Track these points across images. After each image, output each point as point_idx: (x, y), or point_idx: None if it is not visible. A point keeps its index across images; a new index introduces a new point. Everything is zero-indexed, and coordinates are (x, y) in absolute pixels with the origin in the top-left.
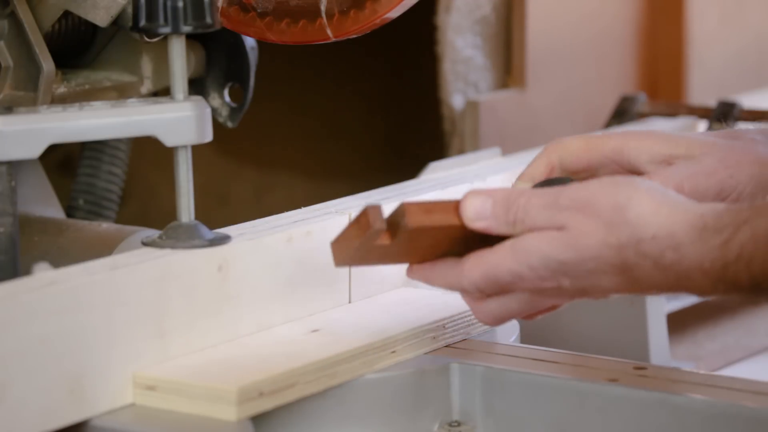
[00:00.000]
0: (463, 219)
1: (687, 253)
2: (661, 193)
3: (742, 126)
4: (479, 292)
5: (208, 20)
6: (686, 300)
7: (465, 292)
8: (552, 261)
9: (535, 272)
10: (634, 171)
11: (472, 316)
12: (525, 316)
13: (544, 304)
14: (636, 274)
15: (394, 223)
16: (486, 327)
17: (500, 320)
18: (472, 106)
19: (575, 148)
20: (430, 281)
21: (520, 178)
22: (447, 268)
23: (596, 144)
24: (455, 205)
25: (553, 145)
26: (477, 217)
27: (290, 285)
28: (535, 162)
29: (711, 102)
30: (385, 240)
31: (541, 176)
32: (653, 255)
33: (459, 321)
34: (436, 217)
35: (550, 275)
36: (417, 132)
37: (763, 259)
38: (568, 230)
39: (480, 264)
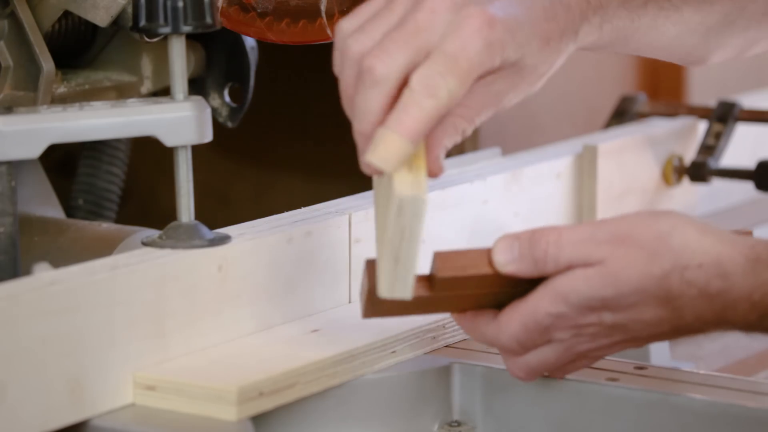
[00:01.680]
0: (494, 265)
1: (736, 283)
2: (704, 224)
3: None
4: (519, 346)
5: (208, 20)
6: None
7: (504, 348)
8: (592, 300)
9: (574, 309)
10: None
11: None
12: (558, 371)
13: (581, 351)
14: (679, 304)
15: (426, 275)
16: None
17: (536, 373)
18: None
19: None
20: (471, 335)
21: None
22: (485, 323)
23: None
24: (488, 253)
25: None
26: (506, 261)
27: (290, 285)
28: None
29: (711, 102)
30: (419, 291)
31: None
32: (699, 283)
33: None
34: (468, 266)
35: (591, 311)
36: None
37: None
38: (607, 265)
39: (515, 315)
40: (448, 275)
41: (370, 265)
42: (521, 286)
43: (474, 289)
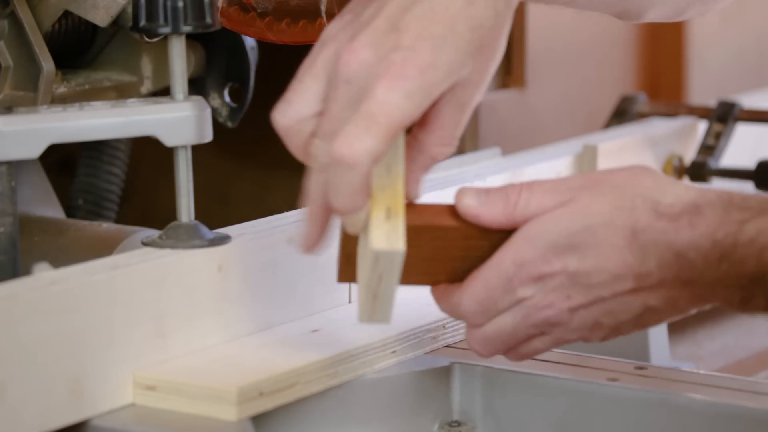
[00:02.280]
0: (457, 209)
1: (706, 216)
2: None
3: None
4: (480, 310)
5: (208, 20)
6: None
7: (466, 314)
8: (560, 237)
9: (539, 253)
10: None
11: None
12: (514, 352)
13: (539, 322)
14: (645, 240)
15: None
16: None
17: (493, 346)
18: None
19: None
20: (440, 307)
21: None
22: (452, 291)
23: None
24: (451, 207)
25: None
26: (475, 204)
27: (290, 285)
28: None
29: (711, 102)
30: None
31: None
32: (668, 214)
33: (459, 321)
34: (428, 217)
35: (555, 255)
36: None
37: None
38: (577, 201)
39: (478, 274)
40: (415, 224)
41: (347, 238)
42: (491, 248)
43: (442, 247)
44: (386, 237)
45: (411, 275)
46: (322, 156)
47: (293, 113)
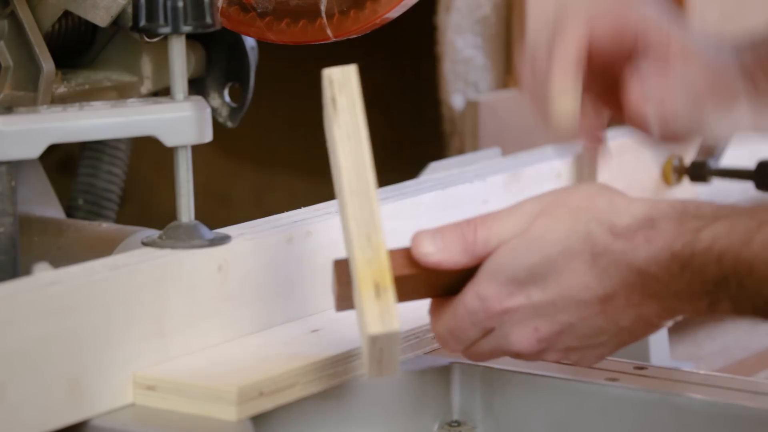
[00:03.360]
0: (415, 258)
1: (662, 230)
2: (634, 196)
3: None
4: (452, 338)
5: (208, 20)
6: None
7: (440, 339)
8: (519, 271)
9: (502, 288)
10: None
11: None
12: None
13: (512, 351)
14: (605, 263)
15: None
16: None
17: (477, 358)
18: (472, 106)
19: (606, 30)
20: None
21: (552, 70)
22: (432, 311)
23: (624, 25)
24: (406, 252)
25: (576, 22)
26: (432, 251)
27: (290, 285)
28: (566, 45)
29: None
30: None
31: (577, 60)
32: (625, 234)
33: None
34: (395, 267)
35: (518, 288)
36: (417, 132)
37: (735, 254)
38: (532, 230)
39: (448, 303)
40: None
41: (339, 267)
42: (465, 274)
43: (415, 287)
44: (380, 318)
45: (403, 298)
46: None
47: None
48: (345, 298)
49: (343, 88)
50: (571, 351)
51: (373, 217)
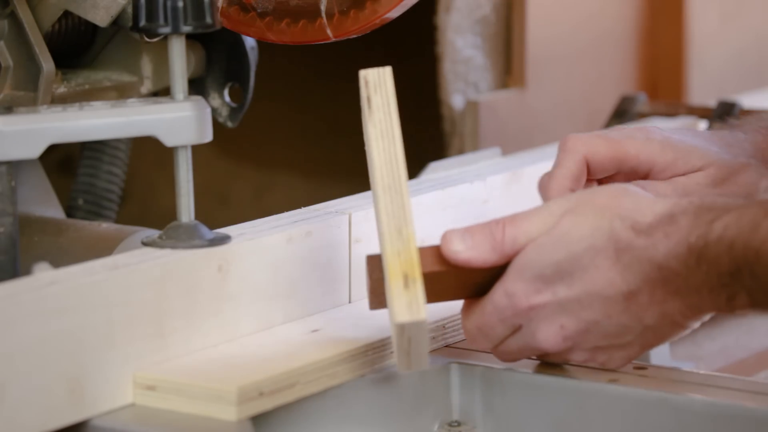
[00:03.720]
0: (445, 256)
1: (680, 224)
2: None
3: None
4: (481, 335)
5: (208, 20)
6: None
7: (470, 337)
8: (546, 268)
9: (529, 285)
10: (647, 177)
11: None
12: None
13: (538, 349)
14: (628, 259)
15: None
16: None
17: (506, 357)
18: (472, 106)
19: (602, 150)
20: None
21: (549, 187)
22: (463, 311)
23: (619, 148)
24: (436, 250)
25: (573, 142)
26: (462, 249)
27: (290, 285)
28: (563, 164)
29: (711, 102)
30: None
31: (572, 179)
32: (645, 231)
33: (459, 321)
34: (426, 264)
35: (545, 285)
36: (417, 132)
37: (744, 242)
38: (558, 228)
39: (478, 301)
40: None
41: (372, 262)
42: (489, 280)
43: (445, 284)
44: (407, 308)
45: (433, 297)
46: None
47: None
48: (377, 294)
49: (378, 89)
50: (598, 351)
51: (404, 210)
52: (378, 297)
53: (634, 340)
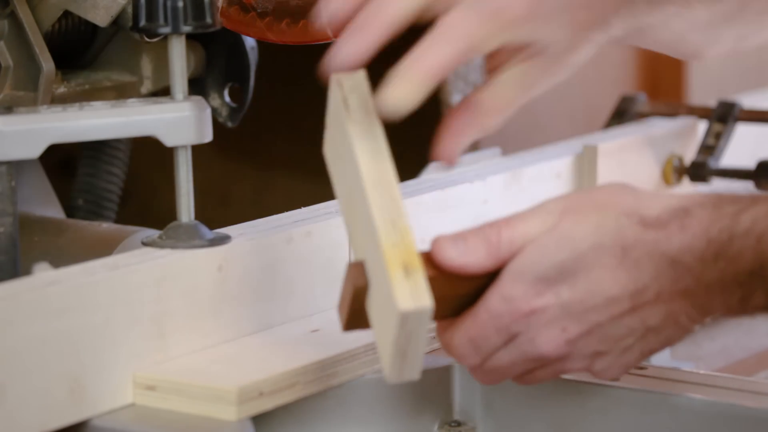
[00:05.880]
0: (438, 263)
1: (696, 216)
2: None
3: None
4: (472, 347)
5: (208, 20)
6: None
7: (459, 353)
8: (549, 270)
9: (529, 287)
10: None
11: None
12: (520, 378)
13: (537, 355)
14: (636, 256)
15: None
16: None
17: (490, 377)
18: None
19: None
20: (440, 345)
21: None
22: (442, 329)
23: None
24: (427, 256)
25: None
26: (456, 254)
27: (290, 285)
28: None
29: (711, 102)
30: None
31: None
32: (655, 224)
33: None
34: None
35: (547, 287)
36: (417, 132)
37: None
38: (560, 227)
39: (468, 312)
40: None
41: (355, 269)
42: (485, 284)
43: (434, 293)
44: (410, 296)
45: None
46: None
47: None
48: (357, 309)
49: (353, 90)
50: (597, 357)
51: (395, 203)
52: (357, 313)
53: (635, 343)
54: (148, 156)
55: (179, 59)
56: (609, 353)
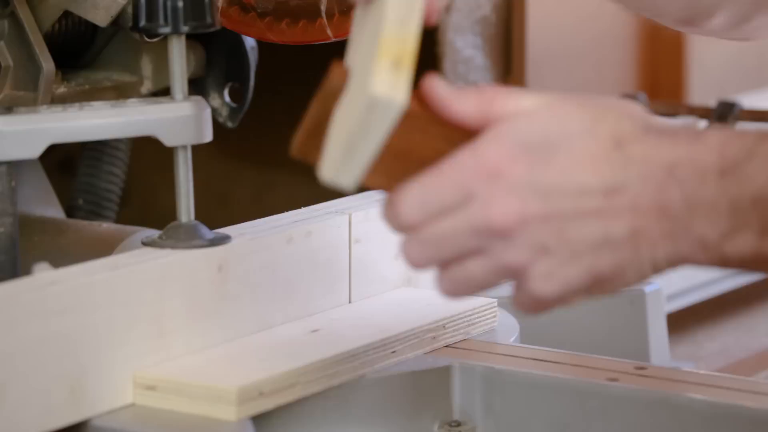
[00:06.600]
0: (425, 96)
1: (712, 134)
2: None
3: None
4: (420, 210)
5: (208, 20)
6: (686, 299)
7: (399, 219)
8: (532, 135)
9: (504, 150)
10: None
11: (473, 316)
12: (449, 270)
13: (484, 225)
14: (631, 151)
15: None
16: (486, 327)
17: (424, 248)
18: None
19: None
20: (384, 212)
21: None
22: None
23: None
24: (417, 92)
25: None
26: (447, 94)
27: (290, 285)
28: None
29: (711, 102)
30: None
31: None
32: (661, 131)
33: (459, 321)
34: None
35: (524, 154)
36: None
37: None
38: (557, 106)
39: (412, 185)
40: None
41: (334, 73)
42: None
43: (404, 138)
44: (388, 85)
45: (370, 170)
46: None
47: None
48: (319, 124)
49: None
50: (541, 254)
51: (412, 7)
52: (316, 125)
53: (585, 255)
54: (148, 156)
55: (179, 59)
56: (554, 254)
